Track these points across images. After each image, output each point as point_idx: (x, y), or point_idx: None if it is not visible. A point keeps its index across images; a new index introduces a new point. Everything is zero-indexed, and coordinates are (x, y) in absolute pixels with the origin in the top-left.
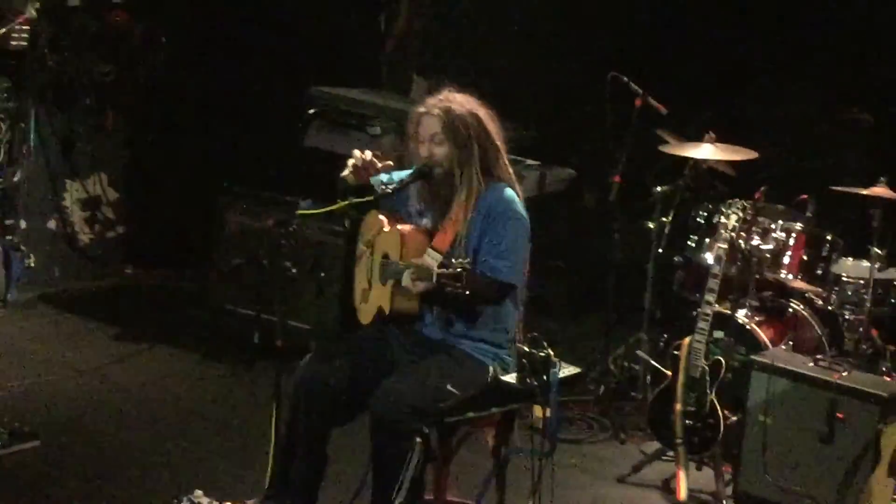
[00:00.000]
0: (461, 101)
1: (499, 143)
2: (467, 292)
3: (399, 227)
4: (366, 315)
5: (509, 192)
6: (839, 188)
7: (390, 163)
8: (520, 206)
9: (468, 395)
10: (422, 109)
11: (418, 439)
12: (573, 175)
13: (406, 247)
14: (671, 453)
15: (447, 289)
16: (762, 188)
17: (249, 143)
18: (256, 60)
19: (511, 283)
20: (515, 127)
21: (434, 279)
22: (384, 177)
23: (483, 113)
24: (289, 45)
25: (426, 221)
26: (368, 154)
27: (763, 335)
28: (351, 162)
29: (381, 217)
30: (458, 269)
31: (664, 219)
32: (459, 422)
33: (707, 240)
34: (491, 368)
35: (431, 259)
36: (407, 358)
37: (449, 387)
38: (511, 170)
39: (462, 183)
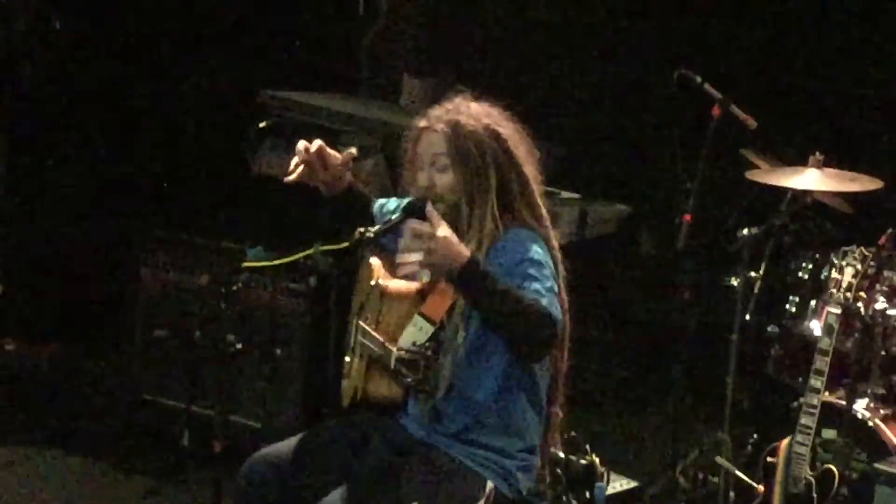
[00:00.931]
0: (476, 114)
1: (527, 171)
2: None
3: (382, 282)
4: (345, 395)
5: (530, 235)
6: None
7: (353, 151)
8: (541, 253)
9: None
10: (422, 123)
11: None
12: (626, 212)
13: (386, 310)
14: None
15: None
16: (889, 231)
17: (177, 170)
18: (187, 55)
19: (553, 316)
20: (544, 145)
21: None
22: (392, 203)
23: (507, 130)
24: (232, 36)
25: (426, 275)
26: (317, 142)
27: (892, 435)
28: (294, 161)
29: (374, 264)
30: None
31: (753, 273)
32: None
33: (813, 302)
34: (490, 484)
35: (418, 329)
36: (371, 463)
37: None
38: (544, 211)
39: (472, 225)
